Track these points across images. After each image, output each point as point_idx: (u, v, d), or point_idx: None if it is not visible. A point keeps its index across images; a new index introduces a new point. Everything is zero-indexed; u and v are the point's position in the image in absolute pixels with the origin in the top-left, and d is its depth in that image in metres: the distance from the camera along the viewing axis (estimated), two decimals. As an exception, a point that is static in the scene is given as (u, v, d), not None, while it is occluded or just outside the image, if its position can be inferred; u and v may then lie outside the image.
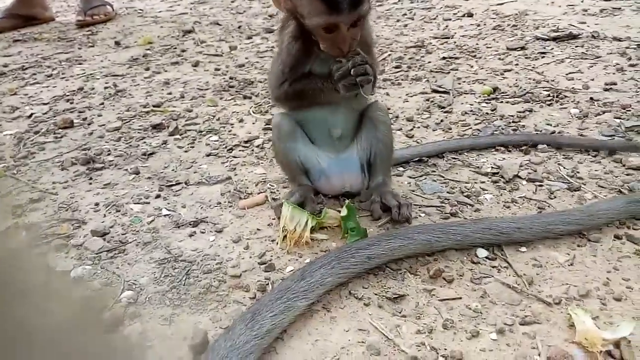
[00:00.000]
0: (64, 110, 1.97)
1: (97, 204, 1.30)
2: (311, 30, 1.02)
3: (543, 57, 2.06)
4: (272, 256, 1.06)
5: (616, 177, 1.23)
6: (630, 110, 1.55)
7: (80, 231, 1.20)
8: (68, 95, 2.13)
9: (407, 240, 0.98)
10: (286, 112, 1.19)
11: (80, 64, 2.59)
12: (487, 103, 1.71)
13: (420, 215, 1.14)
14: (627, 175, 1.23)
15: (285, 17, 1.12)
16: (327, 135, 1.18)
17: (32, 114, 1.94)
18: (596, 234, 1.03)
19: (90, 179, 1.44)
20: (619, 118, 1.51)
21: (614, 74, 1.82)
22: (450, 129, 1.56)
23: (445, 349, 0.81)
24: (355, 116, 1.19)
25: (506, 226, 1.01)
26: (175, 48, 2.69)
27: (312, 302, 0.88)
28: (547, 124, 1.52)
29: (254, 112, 1.80)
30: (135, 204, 1.29)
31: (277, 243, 1.09)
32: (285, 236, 1.09)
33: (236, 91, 2.01)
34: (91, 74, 2.40)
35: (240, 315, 0.85)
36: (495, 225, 1.01)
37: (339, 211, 1.12)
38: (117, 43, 2.86)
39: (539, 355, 0.78)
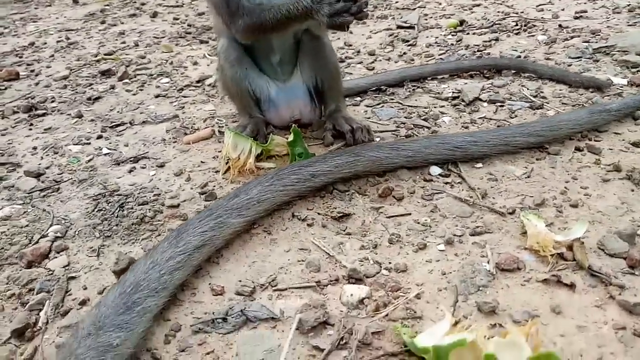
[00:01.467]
0: (11, 65, 1.86)
1: (35, 148, 1.22)
2: None
3: (513, -9, 1.97)
4: (214, 186, 0.99)
5: (580, 95, 1.17)
6: (599, 35, 1.48)
7: (14, 174, 1.12)
8: (17, 51, 2.02)
9: (355, 156, 0.91)
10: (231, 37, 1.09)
11: (34, 22, 2.47)
12: (452, 35, 1.63)
13: (367, 138, 1.07)
14: (592, 92, 1.17)
15: None
16: (268, 62, 1.09)
17: (-25, 69, 1.83)
18: (556, 147, 0.97)
19: (31, 124, 1.35)
20: (587, 42, 1.44)
21: (585, 3, 1.75)
22: (412, 60, 1.48)
23: (390, 263, 0.75)
24: (292, 41, 1.10)
25: (462, 140, 0.94)
26: (135, 1, 2.56)
27: (247, 219, 0.81)
28: (513, 50, 1.44)
29: (209, 55, 1.70)
30: (74, 144, 1.21)
31: (220, 173, 1.02)
32: (229, 166, 1.02)
33: (193, 37, 1.91)
34: (45, 30, 2.28)
35: (165, 236, 0.78)
36: (449, 140, 0.94)
37: (287, 138, 1.05)
38: (75, 1, 2.73)
39: (488, 262, 0.73)
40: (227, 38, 1.07)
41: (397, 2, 2.05)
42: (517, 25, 1.63)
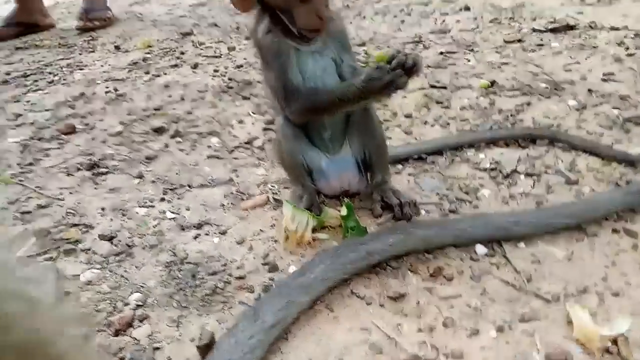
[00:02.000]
0: (66, 116, 1.99)
1: (103, 209, 1.32)
2: (281, 7, 1.01)
3: (540, 49, 2.06)
4: (275, 257, 1.08)
5: (614, 169, 1.25)
6: (628, 101, 1.55)
7: (88, 236, 1.23)
8: (70, 101, 2.15)
9: (406, 235, 1.00)
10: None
11: (81, 69, 2.61)
12: (485, 97, 1.72)
13: (418, 213, 1.16)
14: (625, 168, 1.25)
15: (256, 16, 1.10)
16: (320, 137, 1.19)
17: (35, 121, 1.96)
18: (594, 228, 1.05)
19: (96, 183, 1.46)
20: (617, 109, 1.52)
21: (611, 64, 1.83)
22: (448, 124, 1.57)
23: (446, 347, 0.83)
24: (342, 117, 1.18)
25: (505, 220, 1.02)
26: (175, 51, 2.70)
27: (313, 297, 0.90)
28: (545, 117, 1.53)
29: (253, 113, 1.81)
30: (140, 207, 1.31)
31: (280, 243, 1.11)
32: (287, 236, 1.11)
33: (235, 92, 2.02)
34: (92, 79, 2.42)
35: (243, 313, 0.87)
36: (493, 220, 1.03)
37: (339, 210, 1.14)
38: (117, 47, 2.88)
39: (538, 352, 0.80)
40: (283, 116, 1.17)
41: (427, 57, 2.15)
42: (547, 87, 1.71)
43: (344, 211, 1.10)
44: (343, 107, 1.07)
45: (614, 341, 0.78)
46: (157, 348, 0.89)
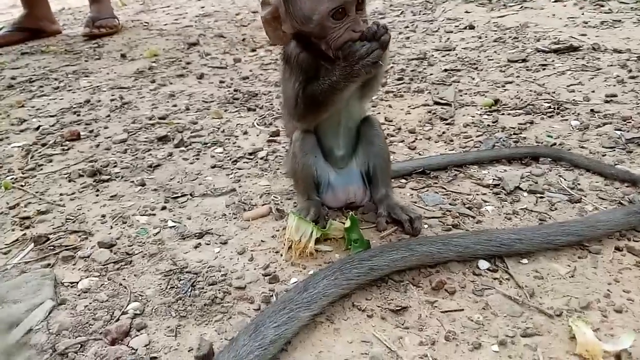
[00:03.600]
0: (70, 123, 2.00)
1: (103, 216, 1.32)
2: (318, 34, 1.01)
3: (544, 69, 2.08)
4: (276, 268, 1.08)
5: (617, 188, 1.25)
6: (630, 122, 1.56)
7: (87, 243, 1.22)
8: (75, 108, 2.16)
9: (409, 251, 0.99)
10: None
11: (86, 76, 2.63)
12: (488, 115, 1.73)
13: (423, 227, 1.15)
14: (627, 187, 1.25)
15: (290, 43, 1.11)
16: (332, 152, 1.21)
17: (39, 126, 1.97)
18: (597, 246, 1.04)
19: (97, 190, 1.46)
20: (620, 130, 1.52)
21: (614, 85, 1.84)
22: (452, 140, 1.58)
23: (448, 361, 0.82)
24: (353, 134, 1.21)
25: (507, 237, 1.02)
26: (181, 60, 2.72)
27: (315, 312, 0.89)
28: (548, 136, 1.53)
29: (258, 125, 1.82)
30: (141, 215, 1.31)
31: (282, 254, 1.11)
32: (290, 247, 1.10)
33: (240, 103, 2.03)
34: (97, 86, 2.44)
35: (244, 327, 0.86)
36: (496, 237, 1.02)
37: (343, 223, 1.14)
38: (123, 55, 2.91)
39: (541, 367, 0.79)
40: (302, 131, 1.17)
41: (431, 74, 2.17)
42: (550, 107, 1.72)
43: (347, 223, 1.10)
44: (336, 93, 1.04)
45: (618, 356, 0.77)
46: (155, 358, 0.88)
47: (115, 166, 1.60)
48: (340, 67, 1.00)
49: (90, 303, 1.02)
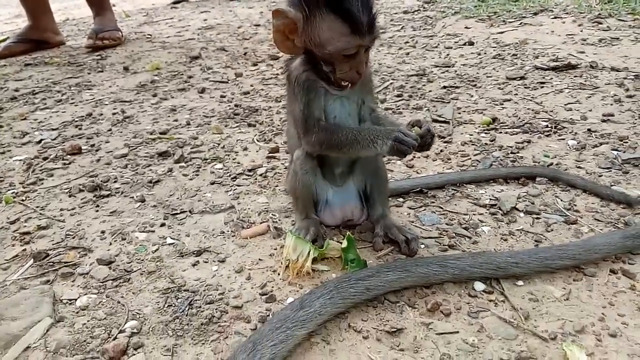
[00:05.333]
0: (72, 136, 2.02)
1: (103, 232, 1.33)
2: (326, 59, 1.03)
3: (542, 86, 2.10)
4: (273, 287, 1.08)
5: (612, 210, 1.25)
6: (627, 142, 1.57)
7: (86, 259, 1.23)
8: (77, 121, 2.18)
9: (406, 272, 1.00)
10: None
11: (89, 89, 2.66)
12: (486, 133, 1.74)
13: (419, 247, 1.16)
14: (623, 209, 1.25)
15: (289, 61, 1.14)
16: (331, 171, 1.22)
17: (41, 140, 1.99)
18: (592, 269, 1.05)
19: (97, 206, 1.47)
20: (616, 150, 1.53)
21: (611, 105, 1.85)
22: (449, 159, 1.59)
23: (442, 384, 0.83)
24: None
25: (504, 261, 1.03)
26: (182, 74, 2.75)
27: (310, 330, 0.90)
28: (545, 156, 1.54)
29: (257, 140, 1.83)
30: (140, 232, 1.32)
31: (279, 273, 1.11)
32: (287, 266, 1.11)
33: (241, 119, 2.05)
34: (100, 99, 2.46)
35: (241, 345, 0.87)
36: (493, 260, 1.03)
37: (340, 242, 1.14)
38: (126, 68, 2.93)
39: (534, 391, 0.79)
40: (304, 150, 1.18)
41: (430, 91, 2.19)
42: (547, 126, 1.74)
43: (345, 243, 1.11)
44: (356, 150, 1.07)
45: (611, 386, 0.77)
46: (151, 376, 0.89)
47: (115, 181, 1.61)
48: (385, 142, 1.02)
49: (88, 321, 1.02)
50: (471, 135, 1.74)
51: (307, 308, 0.92)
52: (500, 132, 1.74)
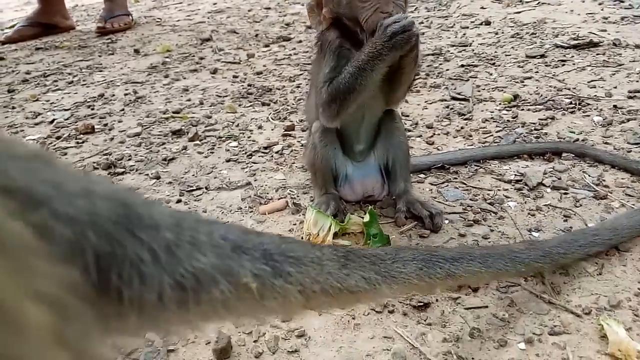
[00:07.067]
0: (85, 116, 1.99)
1: (118, 208, 1.31)
2: (349, 16, 1.01)
3: (563, 64, 2.04)
4: (294, 262, 1.06)
5: (644, 185, 1.21)
6: (655, 119, 1.52)
7: (102, 235, 1.21)
8: (89, 102, 2.16)
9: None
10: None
11: (100, 71, 2.63)
12: (507, 110, 1.69)
13: (444, 222, 1.13)
14: (655, 183, 1.21)
15: (322, 31, 1.10)
16: (351, 146, 1.19)
17: (54, 120, 1.97)
18: (626, 244, 1.01)
19: (112, 183, 1.45)
20: (645, 126, 1.48)
21: (637, 81, 1.79)
22: (470, 136, 1.55)
23: (473, 358, 0.80)
24: (374, 127, 1.19)
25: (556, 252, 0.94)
26: (194, 56, 2.71)
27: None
28: (570, 132, 1.50)
29: (272, 119, 1.80)
30: (156, 208, 1.29)
31: (299, 248, 1.08)
32: (308, 240, 1.08)
33: (255, 98, 2.01)
34: (111, 80, 2.43)
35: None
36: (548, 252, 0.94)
37: (361, 217, 1.11)
38: (137, 51, 2.90)
39: (570, 366, 0.76)
40: (322, 123, 1.15)
41: (447, 69, 2.13)
42: (571, 103, 1.68)
43: (366, 218, 1.08)
44: (371, 76, 1.01)
45: (652, 358, 0.74)
46: (172, 350, 0.87)
47: (129, 159, 1.59)
48: (370, 43, 0.98)
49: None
50: (492, 112, 1.69)
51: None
52: (522, 109, 1.69)
